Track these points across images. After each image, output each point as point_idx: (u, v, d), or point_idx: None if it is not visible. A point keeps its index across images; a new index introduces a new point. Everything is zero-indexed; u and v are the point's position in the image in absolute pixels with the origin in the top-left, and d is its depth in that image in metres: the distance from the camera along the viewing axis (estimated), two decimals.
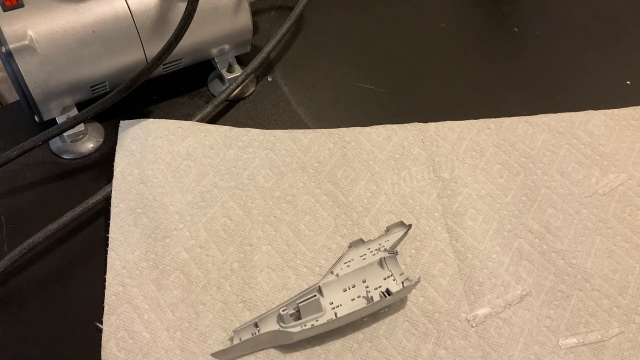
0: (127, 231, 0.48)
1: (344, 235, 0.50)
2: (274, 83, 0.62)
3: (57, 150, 0.54)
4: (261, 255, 0.48)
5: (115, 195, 0.50)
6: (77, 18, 0.49)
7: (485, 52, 0.67)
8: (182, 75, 0.60)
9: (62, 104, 0.52)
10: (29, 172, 0.53)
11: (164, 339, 0.44)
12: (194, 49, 0.56)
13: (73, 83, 0.50)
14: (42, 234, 0.47)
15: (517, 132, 0.57)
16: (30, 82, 0.48)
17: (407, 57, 0.66)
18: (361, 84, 0.62)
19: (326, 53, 0.65)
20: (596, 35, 0.69)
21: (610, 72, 0.65)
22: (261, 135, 0.55)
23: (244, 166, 0.53)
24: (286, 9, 0.69)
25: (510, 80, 0.64)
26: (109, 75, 0.52)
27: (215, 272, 0.47)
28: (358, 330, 0.45)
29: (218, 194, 0.51)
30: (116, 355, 0.43)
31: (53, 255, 0.48)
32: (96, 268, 0.47)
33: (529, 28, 0.70)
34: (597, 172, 0.55)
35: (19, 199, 0.51)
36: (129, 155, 0.52)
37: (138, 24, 0.51)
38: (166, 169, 0.52)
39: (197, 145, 0.54)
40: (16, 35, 0.47)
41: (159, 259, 0.47)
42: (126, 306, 0.45)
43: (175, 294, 0.46)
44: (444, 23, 0.70)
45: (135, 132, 0.54)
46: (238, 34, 0.57)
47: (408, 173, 0.54)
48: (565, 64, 0.66)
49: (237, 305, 0.46)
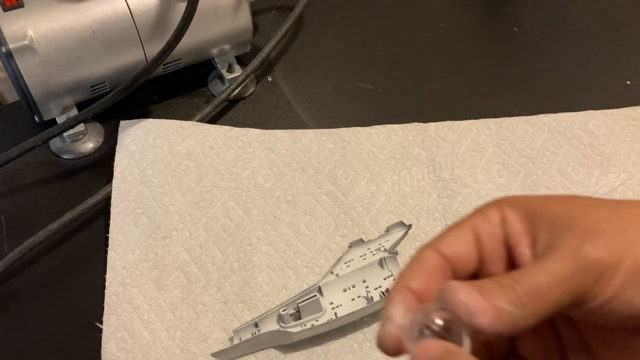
0: (127, 231, 0.48)
1: (344, 235, 0.50)
2: (274, 83, 0.62)
3: (57, 150, 0.54)
4: (261, 255, 0.48)
5: (115, 195, 0.50)
6: (77, 18, 0.49)
7: (485, 52, 0.67)
8: (182, 75, 0.60)
9: (62, 104, 0.52)
10: (29, 172, 0.53)
11: (164, 339, 0.43)
12: (194, 49, 0.56)
13: (73, 83, 0.50)
14: (42, 234, 0.47)
15: (517, 132, 0.57)
16: (30, 82, 0.48)
17: (407, 57, 0.66)
18: (361, 84, 0.62)
19: (326, 53, 0.65)
20: (596, 35, 0.69)
21: (610, 72, 0.65)
22: (261, 135, 0.55)
23: (244, 166, 0.53)
24: (286, 8, 0.69)
25: (510, 80, 0.64)
26: (109, 75, 0.52)
27: (215, 272, 0.47)
28: (358, 330, 0.45)
29: (218, 194, 0.51)
30: (116, 355, 0.43)
31: (53, 256, 0.48)
32: (96, 268, 0.47)
33: (528, 28, 0.70)
34: (597, 172, 0.55)
35: (19, 199, 0.51)
36: (129, 155, 0.52)
37: (138, 23, 0.51)
38: (166, 169, 0.52)
39: (197, 145, 0.54)
40: (16, 35, 0.47)
41: (159, 259, 0.47)
42: (126, 306, 0.45)
43: (175, 294, 0.46)
44: (443, 23, 0.70)
45: (135, 132, 0.54)
46: (238, 33, 0.57)
47: (408, 173, 0.54)
48: (565, 64, 0.66)
49: (237, 305, 0.46)
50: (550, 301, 0.23)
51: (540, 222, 0.25)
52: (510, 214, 0.26)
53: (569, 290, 0.23)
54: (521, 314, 0.22)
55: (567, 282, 0.23)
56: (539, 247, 0.25)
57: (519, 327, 0.23)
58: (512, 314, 0.22)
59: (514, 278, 0.23)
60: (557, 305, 0.23)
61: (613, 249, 0.23)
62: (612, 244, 0.23)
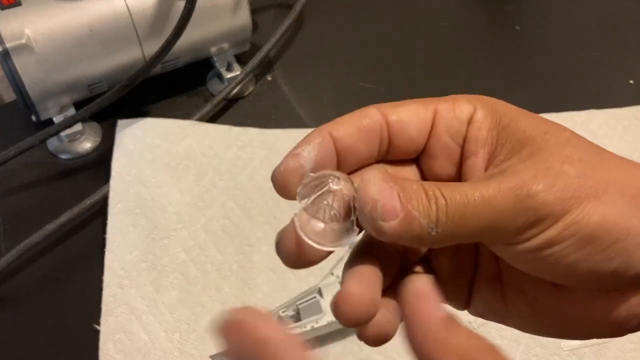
0: (125, 232, 0.48)
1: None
2: (274, 82, 0.62)
3: (54, 150, 0.54)
4: (261, 256, 0.48)
5: (113, 195, 0.50)
6: (75, 16, 0.48)
7: (486, 51, 0.67)
8: (181, 74, 0.59)
9: (60, 103, 0.51)
10: (26, 172, 0.53)
11: (162, 341, 0.43)
12: (193, 48, 0.55)
13: (70, 82, 0.50)
14: (39, 234, 0.47)
15: None
16: (27, 81, 0.48)
17: (407, 56, 0.65)
18: (361, 83, 0.62)
19: (326, 52, 0.65)
20: (598, 34, 0.69)
21: (613, 71, 0.65)
22: (261, 134, 0.55)
23: (244, 166, 0.53)
24: (286, 7, 0.69)
25: (511, 80, 0.64)
26: (107, 74, 0.52)
27: (214, 273, 0.47)
28: None
29: (217, 194, 0.51)
30: (114, 357, 0.42)
31: (50, 256, 0.48)
32: (94, 269, 0.47)
33: (530, 27, 0.69)
34: None
35: (16, 199, 0.51)
36: (127, 155, 0.52)
37: (136, 22, 0.51)
38: (165, 169, 0.52)
39: (196, 145, 0.53)
40: (13, 34, 0.46)
41: (157, 260, 0.47)
42: (124, 307, 0.44)
43: (174, 295, 0.45)
44: (444, 22, 0.69)
45: (133, 131, 0.53)
46: (237, 32, 0.57)
47: None
48: (567, 63, 0.65)
49: (237, 307, 0.45)
50: (470, 229, 0.20)
51: (507, 138, 0.22)
52: (481, 115, 0.23)
53: (495, 225, 0.20)
54: (433, 232, 0.20)
55: (496, 216, 0.20)
56: (493, 164, 0.22)
57: (426, 243, 0.21)
58: (423, 227, 0.20)
59: (443, 191, 0.20)
60: (475, 236, 0.21)
61: (564, 198, 0.20)
62: (565, 192, 0.20)
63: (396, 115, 0.23)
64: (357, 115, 0.24)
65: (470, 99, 0.24)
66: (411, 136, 0.24)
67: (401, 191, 0.20)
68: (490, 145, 0.23)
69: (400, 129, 0.23)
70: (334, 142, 0.23)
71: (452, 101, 0.24)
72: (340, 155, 0.23)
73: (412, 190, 0.21)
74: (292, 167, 0.23)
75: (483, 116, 0.23)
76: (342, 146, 0.23)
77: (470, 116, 0.23)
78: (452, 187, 0.21)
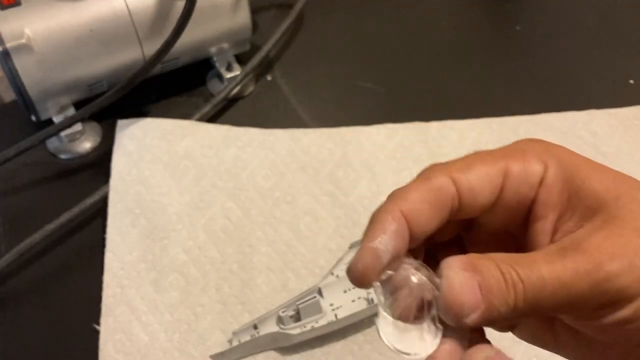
0: (124, 232, 0.48)
1: (345, 236, 0.49)
2: (274, 82, 0.61)
3: (54, 150, 0.54)
4: (260, 256, 0.48)
5: (113, 195, 0.50)
6: (75, 16, 0.48)
7: (487, 51, 0.67)
8: (181, 74, 0.59)
9: (59, 103, 0.51)
10: (26, 172, 0.53)
11: (162, 341, 0.43)
12: (193, 48, 0.55)
13: (70, 82, 0.50)
14: (39, 234, 0.47)
15: (519, 132, 0.57)
16: (27, 81, 0.48)
17: (408, 56, 0.65)
18: (362, 82, 0.62)
19: (326, 52, 0.65)
20: (599, 33, 0.69)
21: (614, 71, 0.64)
22: (260, 134, 0.55)
23: (243, 166, 0.53)
24: (286, 7, 0.69)
25: (512, 80, 0.63)
26: (107, 74, 0.52)
27: (214, 274, 0.47)
28: (359, 332, 0.44)
29: (217, 194, 0.51)
30: (114, 357, 0.42)
31: (50, 257, 0.48)
32: (93, 269, 0.47)
33: (531, 27, 0.69)
34: None
35: (15, 199, 0.51)
36: (126, 155, 0.52)
37: (136, 22, 0.50)
38: (164, 169, 0.51)
39: (196, 145, 0.53)
40: (13, 33, 0.46)
41: (157, 260, 0.47)
42: (124, 308, 0.44)
43: (174, 295, 0.45)
44: (445, 21, 0.69)
45: (133, 131, 0.53)
46: (237, 32, 0.57)
47: (409, 173, 0.53)
48: (567, 63, 0.65)
49: (236, 307, 0.45)
50: (544, 310, 0.20)
51: (579, 202, 0.21)
52: (552, 176, 0.22)
53: (569, 305, 0.20)
54: (510, 315, 0.20)
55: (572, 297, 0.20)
56: (562, 229, 0.22)
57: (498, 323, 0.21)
58: (501, 314, 0.20)
59: (519, 272, 0.20)
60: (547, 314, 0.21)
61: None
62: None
63: (467, 181, 0.22)
64: (428, 186, 0.22)
65: (541, 155, 0.23)
66: (482, 203, 0.23)
67: (482, 280, 0.20)
68: (560, 209, 0.22)
69: (471, 197, 0.23)
70: (405, 218, 0.22)
71: (523, 159, 0.23)
72: (412, 232, 0.22)
73: (492, 276, 0.20)
74: (371, 264, 0.22)
75: (554, 177, 0.22)
76: (415, 223, 0.22)
77: (541, 178, 0.22)
78: (527, 266, 0.20)
